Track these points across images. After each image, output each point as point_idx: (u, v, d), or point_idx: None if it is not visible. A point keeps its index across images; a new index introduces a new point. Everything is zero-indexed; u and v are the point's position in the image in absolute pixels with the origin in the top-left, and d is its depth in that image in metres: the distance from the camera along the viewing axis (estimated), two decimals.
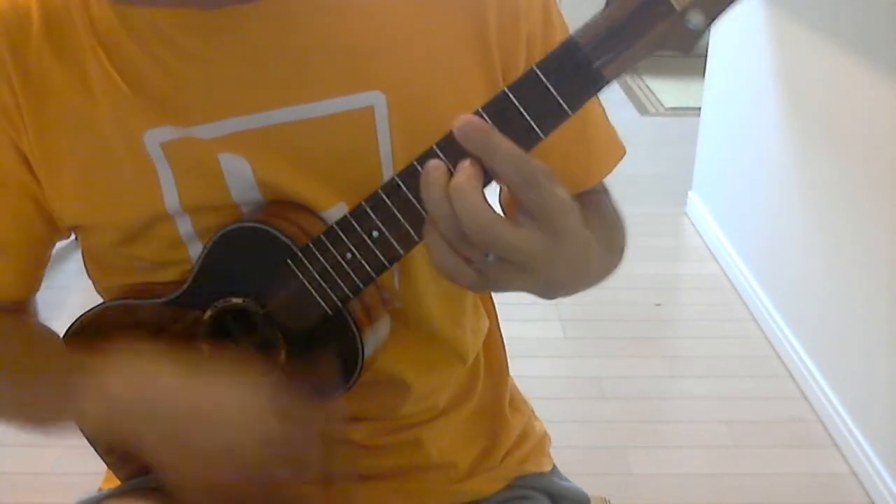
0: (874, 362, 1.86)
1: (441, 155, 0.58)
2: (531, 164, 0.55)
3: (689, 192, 3.14)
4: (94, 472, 0.92)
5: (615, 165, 0.84)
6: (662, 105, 4.26)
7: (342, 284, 0.67)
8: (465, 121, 0.56)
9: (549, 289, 0.62)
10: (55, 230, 0.77)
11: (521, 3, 0.75)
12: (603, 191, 0.85)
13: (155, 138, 0.70)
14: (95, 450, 0.85)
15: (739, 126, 2.71)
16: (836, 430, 2.00)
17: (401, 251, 0.64)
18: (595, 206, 0.83)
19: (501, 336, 0.94)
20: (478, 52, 0.74)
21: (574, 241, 0.58)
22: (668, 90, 4.37)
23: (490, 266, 0.58)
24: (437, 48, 0.73)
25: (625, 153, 0.84)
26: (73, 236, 0.80)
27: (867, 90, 1.89)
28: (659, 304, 2.63)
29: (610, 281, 0.78)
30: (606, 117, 0.84)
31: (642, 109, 4.24)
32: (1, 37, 0.69)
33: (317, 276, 0.68)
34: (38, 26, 0.69)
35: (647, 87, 4.46)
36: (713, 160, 2.97)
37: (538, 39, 0.76)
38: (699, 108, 3.07)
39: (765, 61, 2.44)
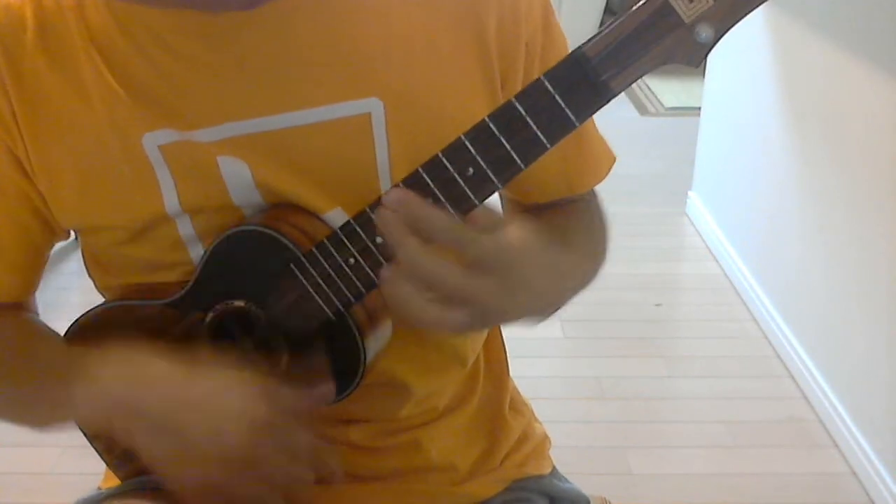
0: (874, 362, 1.86)
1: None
2: (461, 229, 0.58)
3: (689, 192, 3.14)
4: (94, 472, 0.92)
5: (608, 171, 0.84)
6: (662, 105, 4.26)
7: (345, 289, 0.67)
8: (394, 195, 0.59)
9: (523, 319, 0.63)
10: (52, 233, 0.77)
11: (521, 10, 0.74)
12: (591, 194, 0.85)
13: (153, 141, 0.70)
14: (95, 448, 0.85)
15: (739, 126, 2.71)
16: (836, 430, 2.00)
17: None
18: (580, 212, 0.83)
19: (503, 338, 0.94)
20: (477, 59, 0.73)
21: (534, 280, 0.60)
22: (668, 90, 4.37)
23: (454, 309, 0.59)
24: (437, 55, 0.73)
25: (615, 160, 0.85)
26: (72, 236, 0.80)
27: (867, 90, 1.89)
28: (659, 305, 2.63)
29: (610, 281, 0.79)
30: (595, 126, 0.84)
31: (642, 109, 4.24)
32: None
33: (320, 280, 0.68)
34: (32, 32, 0.69)
35: (647, 87, 4.46)
36: (713, 160, 2.97)
37: (537, 47, 0.76)
38: (699, 108, 3.07)
39: (765, 61, 2.44)
